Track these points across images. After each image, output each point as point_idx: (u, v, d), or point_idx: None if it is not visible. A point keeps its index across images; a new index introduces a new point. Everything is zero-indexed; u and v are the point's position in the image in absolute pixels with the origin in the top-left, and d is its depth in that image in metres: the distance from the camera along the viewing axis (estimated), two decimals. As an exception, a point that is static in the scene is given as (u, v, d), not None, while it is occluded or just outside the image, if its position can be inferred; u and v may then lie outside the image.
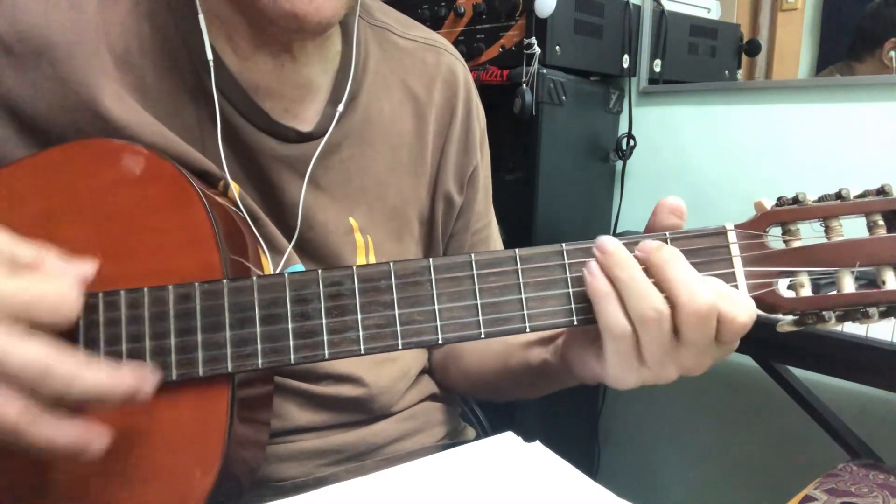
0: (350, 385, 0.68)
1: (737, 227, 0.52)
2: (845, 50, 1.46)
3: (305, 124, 0.65)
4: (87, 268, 0.49)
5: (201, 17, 0.60)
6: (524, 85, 1.30)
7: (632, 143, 1.58)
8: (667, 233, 0.52)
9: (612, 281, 0.48)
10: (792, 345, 0.98)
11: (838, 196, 0.51)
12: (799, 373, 1.27)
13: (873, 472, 0.94)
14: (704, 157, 1.55)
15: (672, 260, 0.48)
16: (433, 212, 0.75)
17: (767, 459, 1.52)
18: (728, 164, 1.51)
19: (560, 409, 1.58)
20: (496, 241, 0.84)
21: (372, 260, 0.69)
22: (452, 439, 0.79)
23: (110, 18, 0.59)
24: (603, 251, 0.49)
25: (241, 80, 0.62)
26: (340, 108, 0.66)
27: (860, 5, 1.45)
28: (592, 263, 0.49)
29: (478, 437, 0.82)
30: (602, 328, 0.49)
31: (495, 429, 0.89)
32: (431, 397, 0.78)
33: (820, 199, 0.51)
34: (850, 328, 0.92)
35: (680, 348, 0.49)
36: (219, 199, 0.58)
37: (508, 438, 0.54)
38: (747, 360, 1.37)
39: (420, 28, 0.77)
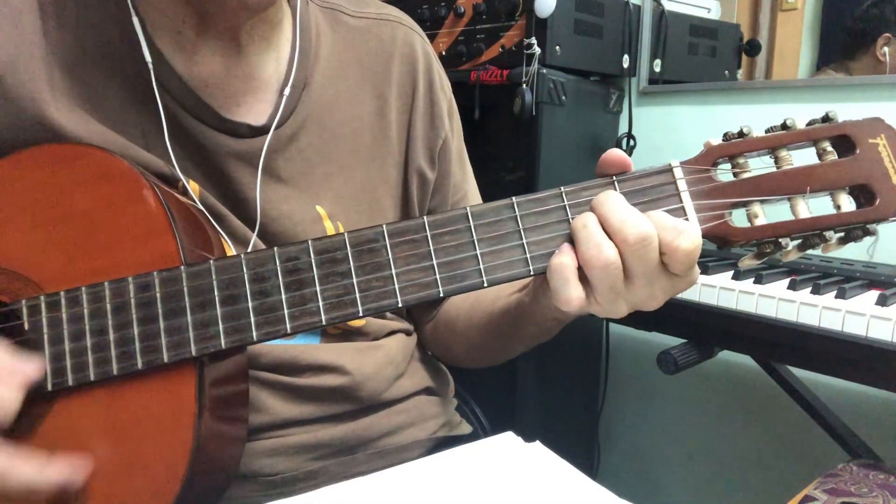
0: (333, 374, 0.67)
1: (683, 163, 0.52)
2: (839, 51, 1.46)
3: (259, 117, 0.65)
4: (30, 370, 0.50)
5: (135, 20, 0.59)
6: (524, 85, 1.30)
7: (632, 143, 1.57)
8: (613, 176, 0.52)
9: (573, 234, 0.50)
10: (792, 345, 0.98)
11: (784, 126, 0.51)
12: (799, 373, 1.27)
13: (873, 472, 0.94)
14: (704, 157, 1.55)
15: (606, 200, 0.49)
16: (407, 190, 0.74)
17: (767, 459, 1.52)
18: (728, 164, 1.51)
19: (560, 409, 1.58)
20: None
21: None
22: (446, 433, 0.79)
23: (53, 31, 0.59)
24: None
25: (187, 79, 0.62)
26: (286, 91, 0.65)
27: (859, 5, 1.46)
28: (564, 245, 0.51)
29: (476, 436, 0.82)
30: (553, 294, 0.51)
31: (495, 429, 0.88)
32: (426, 391, 0.78)
33: (767, 131, 0.51)
34: (850, 328, 0.92)
35: (626, 282, 0.50)
36: (178, 196, 0.58)
37: (508, 438, 0.54)
38: (747, 360, 1.37)
39: (373, 4, 0.76)
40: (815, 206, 0.51)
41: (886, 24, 1.38)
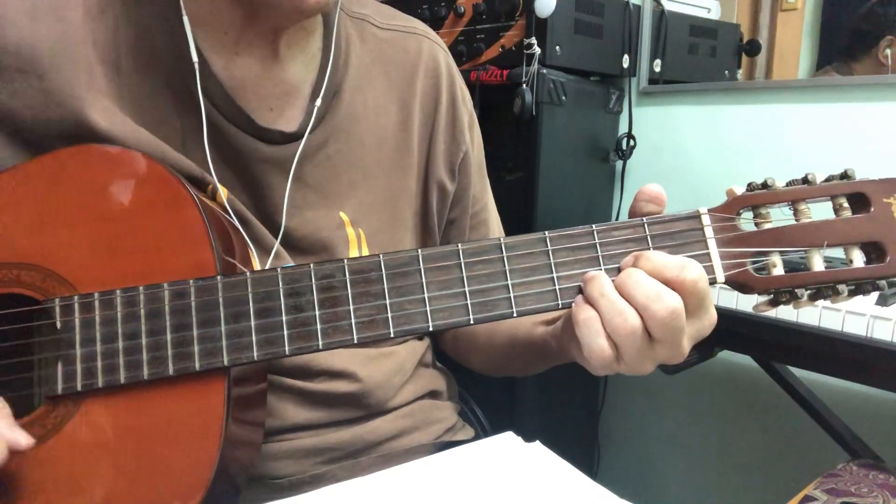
0: (344, 381, 0.68)
1: (710, 210, 0.54)
2: (842, 50, 1.46)
3: (290, 124, 0.65)
4: (22, 440, 0.49)
5: (185, 20, 0.59)
6: (524, 85, 1.30)
7: (632, 143, 1.57)
8: (643, 218, 0.53)
9: (592, 305, 0.51)
10: (792, 345, 0.98)
11: (805, 181, 0.53)
12: (799, 373, 1.27)
13: (873, 472, 0.94)
14: (704, 157, 1.55)
15: (629, 279, 0.50)
16: (427, 201, 0.75)
17: (767, 459, 1.52)
18: (728, 164, 1.51)
19: (560, 409, 1.58)
20: (494, 222, 0.84)
21: (364, 252, 0.69)
22: (449, 437, 0.79)
23: (97, 27, 0.59)
24: (585, 280, 0.52)
25: (224, 83, 0.62)
26: (318, 102, 0.65)
27: (860, 5, 1.45)
28: (579, 297, 0.52)
29: (477, 437, 0.82)
30: (585, 353, 0.52)
31: (495, 429, 0.89)
32: (430, 394, 0.78)
33: (788, 184, 0.54)
34: (850, 328, 0.92)
35: (654, 345, 0.51)
36: (208, 202, 0.59)
37: (508, 438, 0.54)
38: (747, 360, 1.37)
39: (399, 17, 0.77)
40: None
41: (890, 26, 1.38)
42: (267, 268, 0.64)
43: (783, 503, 0.87)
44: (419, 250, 0.53)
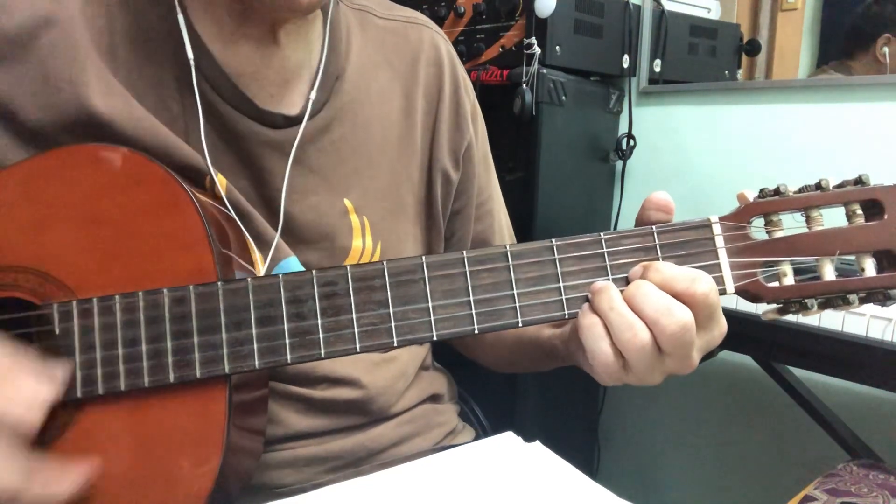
0: (348, 388, 0.67)
1: (721, 219, 0.53)
2: (839, 49, 1.46)
3: (292, 108, 0.65)
4: (60, 372, 0.49)
5: (180, 17, 0.59)
6: (524, 85, 1.30)
7: (632, 143, 1.57)
8: (653, 227, 0.52)
9: (601, 317, 0.50)
10: (792, 345, 0.98)
11: (818, 186, 0.52)
12: (799, 373, 1.27)
13: (873, 472, 0.94)
14: (704, 157, 1.55)
15: (638, 291, 0.50)
16: (431, 191, 0.75)
17: (767, 459, 1.52)
18: (728, 164, 1.51)
19: (560, 409, 1.58)
20: (501, 214, 0.84)
21: (368, 240, 0.69)
22: (450, 441, 0.79)
23: (94, 13, 0.59)
24: (593, 290, 0.51)
25: (225, 67, 0.61)
26: (313, 95, 0.65)
27: (859, 5, 1.46)
28: (585, 305, 0.51)
29: (478, 438, 0.82)
30: (591, 359, 0.51)
31: (495, 429, 0.88)
32: (431, 398, 0.78)
33: (800, 190, 0.52)
34: (850, 328, 0.92)
35: (664, 358, 0.50)
36: (205, 198, 0.58)
37: (508, 438, 0.54)
38: (747, 360, 1.37)
39: (399, 8, 0.77)
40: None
41: (886, 24, 1.38)
42: (269, 261, 0.63)
43: (783, 503, 0.87)
44: (423, 257, 0.52)
